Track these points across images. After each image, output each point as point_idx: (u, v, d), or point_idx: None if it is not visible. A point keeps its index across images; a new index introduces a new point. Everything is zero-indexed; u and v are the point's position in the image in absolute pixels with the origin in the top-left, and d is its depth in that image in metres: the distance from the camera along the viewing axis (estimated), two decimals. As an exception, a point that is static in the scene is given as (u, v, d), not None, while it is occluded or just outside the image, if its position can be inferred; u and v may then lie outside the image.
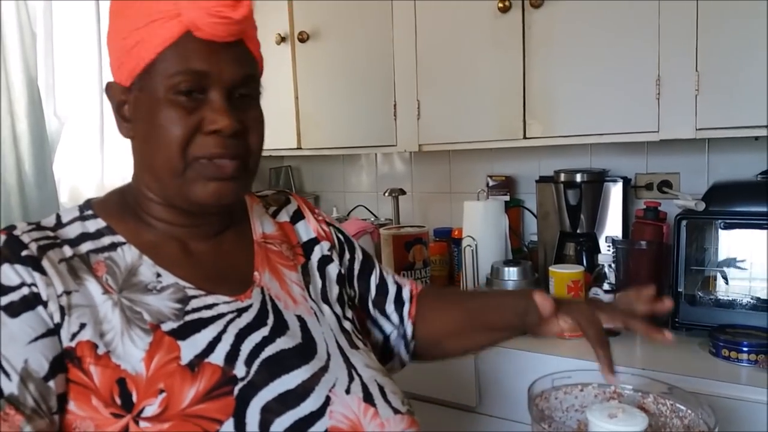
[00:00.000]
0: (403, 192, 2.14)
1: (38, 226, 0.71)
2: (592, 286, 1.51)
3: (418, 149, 1.88)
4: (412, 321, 0.95)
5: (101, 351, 0.65)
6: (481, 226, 1.73)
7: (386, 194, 2.14)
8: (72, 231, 0.72)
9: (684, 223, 1.46)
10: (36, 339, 0.63)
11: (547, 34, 1.61)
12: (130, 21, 0.70)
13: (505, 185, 1.99)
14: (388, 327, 0.94)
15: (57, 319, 0.65)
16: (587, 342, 0.75)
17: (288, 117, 2.12)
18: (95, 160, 1.93)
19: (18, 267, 0.65)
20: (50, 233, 0.70)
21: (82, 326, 0.66)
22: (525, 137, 1.67)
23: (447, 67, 1.80)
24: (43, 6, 1.79)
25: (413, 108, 1.86)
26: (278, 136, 2.13)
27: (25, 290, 0.64)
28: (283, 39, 2.07)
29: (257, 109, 0.75)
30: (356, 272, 0.93)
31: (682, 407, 0.75)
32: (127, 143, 0.77)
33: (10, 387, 0.61)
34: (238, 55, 0.71)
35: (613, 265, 1.51)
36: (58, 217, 0.74)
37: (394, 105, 1.91)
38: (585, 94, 1.58)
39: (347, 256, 0.93)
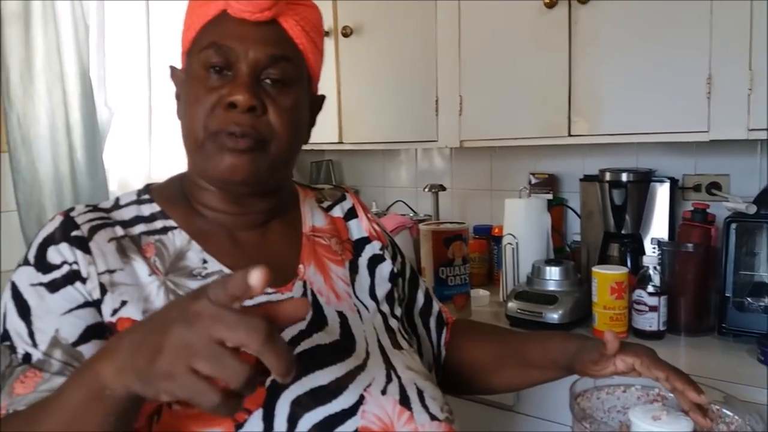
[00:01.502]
0: (443, 188, 2.13)
1: (95, 208, 0.75)
2: (636, 288, 1.48)
3: (460, 145, 1.87)
4: (445, 347, 0.95)
5: None
6: (523, 225, 1.71)
7: (426, 190, 2.14)
8: (127, 213, 0.75)
9: (734, 226, 1.42)
10: (70, 310, 0.67)
11: (593, 30, 1.58)
12: (188, 10, 0.76)
13: (548, 183, 1.97)
14: (426, 343, 0.94)
15: (96, 295, 0.68)
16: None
17: (330, 111, 2.14)
18: (143, 150, 1.98)
19: (63, 246, 0.69)
20: (104, 214, 0.74)
21: (123, 303, 0.68)
22: (570, 135, 1.64)
23: (490, 62, 1.78)
24: (97, 1, 1.84)
25: (455, 104, 1.85)
26: (320, 130, 2.08)
27: (65, 268, 0.68)
28: (326, 33, 2.08)
29: (288, 95, 0.74)
30: (407, 278, 0.93)
31: (728, 413, 0.73)
32: (175, 134, 0.79)
33: (36, 354, 0.65)
34: (268, 35, 0.72)
35: (658, 268, 1.48)
36: (117, 199, 0.78)
37: (436, 100, 1.90)
38: (632, 92, 1.55)
39: (399, 259, 0.93)
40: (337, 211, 0.90)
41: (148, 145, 1.98)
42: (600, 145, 1.78)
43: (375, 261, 0.87)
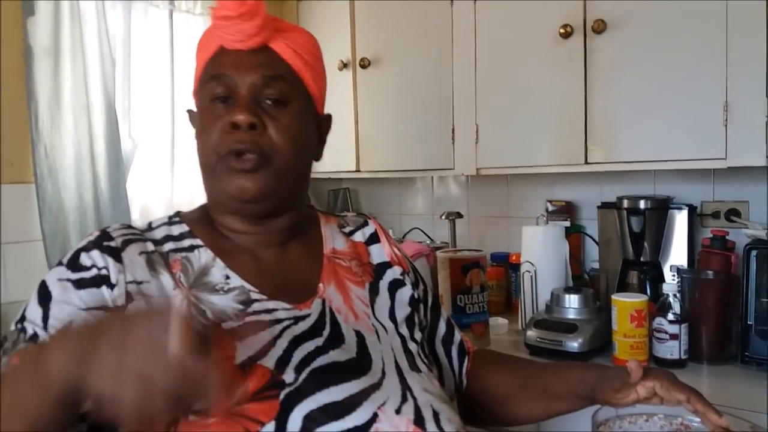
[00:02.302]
0: (460, 215, 2.14)
1: (129, 227, 0.79)
2: (656, 316, 1.47)
3: (476, 173, 1.89)
4: (467, 377, 0.95)
5: None
6: (541, 252, 1.71)
7: (443, 217, 2.15)
8: (158, 233, 0.80)
9: (754, 253, 1.41)
10: (90, 308, 0.70)
11: (609, 59, 1.60)
12: (196, 55, 0.84)
13: (566, 210, 1.97)
14: (447, 372, 0.94)
15: (121, 302, 0.71)
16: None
17: (348, 140, 2.17)
18: (165, 180, 2.02)
19: (94, 253, 0.72)
20: (138, 232, 0.78)
21: None
22: (586, 162, 1.65)
23: (506, 91, 1.80)
24: (123, 35, 1.90)
25: (472, 132, 1.87)
26: (338, 158, 2.18)
27: (94, 271, 0.71)
28: (345, 65, 2.13)
29: (287, 112, 0.79)
30: (429, 305, 0.94)
31: (754, 442, 0.72)
32: (196, 165, 0.84)
33: (43, 336, 0.68)
34: (261, 60, 0.78)
35: (678, 295, 1.47)
36: (150, 223, 0.83)
37: (453, 129, 1.92)
38: (649, 119, 1.56)
39: (421, 287, 0.94)
40: (359, 236, 0.92)
41: (170, 176, 2.02)
42: (617, 173, 1.78)
43: (396, 285, 0.89)
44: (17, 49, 1.70)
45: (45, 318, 0.69)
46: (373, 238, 0.93)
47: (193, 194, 2.11)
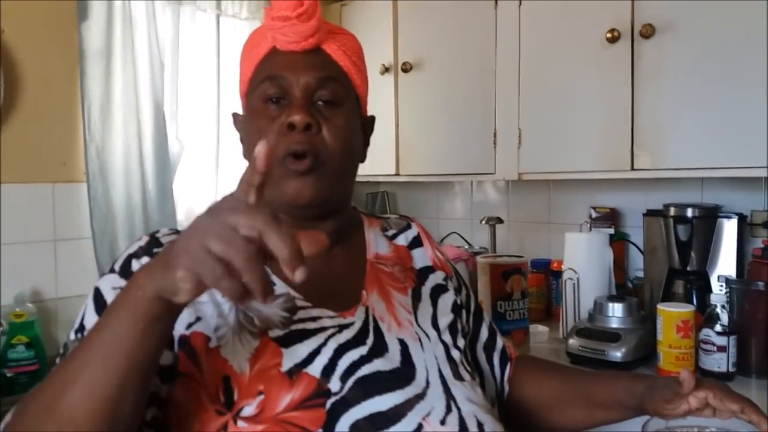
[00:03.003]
0: (500, 221, 2.13)
1: (178, 231, 0.79)
2: (704, 327, 1.43)
3: (518, 178, 1.87)
4: (508, 383, 0.94)
5: (212, 344, 0.70)
6: (584, 259, 1.69)
7: (483, 222, 2.14)
8: None
9: (808, 264, 1.36)
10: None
11: (657, 64, 1.57)
12: (242, 56, 0.84)
13: (610, 218, 1.94)
14: (489, 378, 0.94)
15: None
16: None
17: (388, 144, 2.18)
18: (210, 182, 2.06)
19: (145, 260, 0.74)
20: None
21: (198, 319, 0.71)
22: (633, 169, 1.62)
23: (551, 96, 1.79)
24: (171, 39, 1.95)
25: (514, 136, 1.86)
26: (377, 162, 2.18)
27: None
28: (387, 69, 2.14)
29: (340, 113, 0.80)
30: (472, 311, 0.94)
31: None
32: (240, 168, 0.84)
33: None
34: (315, 62, 0.79)
35: (726, 306, 1.43)
36: None
37: (494, 133, 1.91)
38: (698, 126, 1.52)
39: (464, 292, 0.94)
40: (402, 240, 0.92)
41: (214, 178, 2.06)
42: (662, 180, 1.75)
43: (438, 291, 0.88)
44: (72, 52, 1.76)
45: None
46: (416, 242, 0.92)
47: (235, 195, 2.14)
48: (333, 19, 2.31)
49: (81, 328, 0.72)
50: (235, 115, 0.88)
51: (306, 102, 0.77)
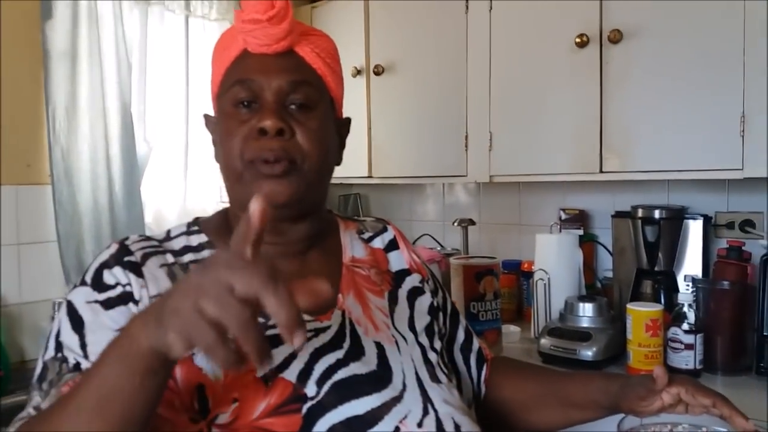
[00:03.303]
0: (472, 222, 2.14)
1: (147, 238, 0.78)
2: (671, 325, 1.46)
3: (489, 180, 1.89)
4: (485, 384, 0.95)
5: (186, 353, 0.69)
6: (555, 260, 1.71)
7: (455, 224, 2.15)
8: (177, 243, 0.79)
9: (771, 264, 1.41)
10: (121, 328, 0.68)
11: (625, 69, 1.60)
12: (212, 58, 0.82)
13: (579, 219, 1.97)
14: (466, 379, 0.94)
15: None
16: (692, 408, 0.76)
17: (360, 147, 2.18)
18: (179, 184, 2.03)
19: (117, 270, 0.72)
20: (156, 243, 0.78)
21: None
22: (601, 171, 1.65)
23: (521, 99, 1.81)
24: (139, 40, 1.92)
25: (485, 139, 1.88)
26: (350, 164, 2.14)
27: (119, 289, 0.71)
28: (359, 72, 2.14)
29: (313, 117, 0.79)
30: (449, 313, 0.94)
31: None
32: (209, 170, 0.84)
33: (85, 364, 0.68)
34: (287, 64, 0.77)
35: (693, 305, 1.46)
36: (168, 231, 0.82)
37: (466, 136, 1.93)
38: (665, 129, 1.56)
39: (440, 294, 0.93)
40: (378, 243, 0.91)
41: (183, 179, 2.03)
42: (630, 182, 1.78)
43: (415, 293, 0.88)
44: (35, 52, 1.72)
45: (83, 345, 0.69)
46: (392, 245, 0.92)
47: (205, 198, 2.12)
48: (304, 21, 2.29)
49: (59, 345, 0.70)
50: (206, 117, 0.87)
51: (278, 106, 0.76)
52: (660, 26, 1.54)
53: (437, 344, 0.85)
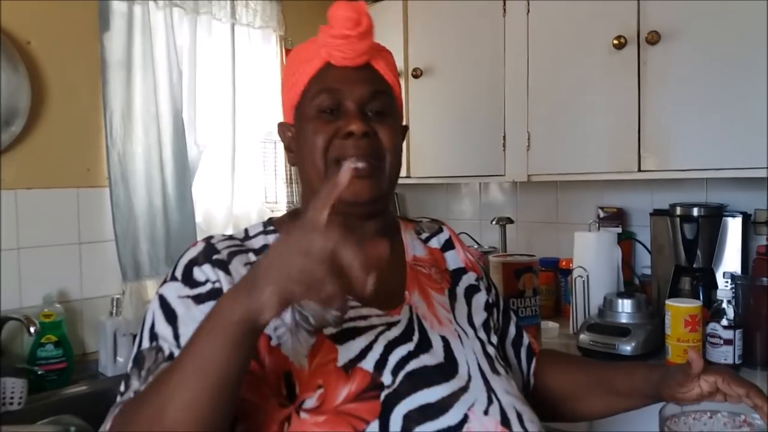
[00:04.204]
0: (510, 221, 2.18)
1: (230, 237, 0.85)
2: (710, 321, 1.48)
3: (527, 179, 1.93)
4: (534, 376, 1.00)
5: (273, 343, 0.76)
6: (593, 258, 1.75)
7: (493, 222, 2.19)
8: (257, 242, 0.85)
9: (811, 260, 1.42)
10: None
11: (663, 69, 1.63)
12: (290, 70, 0.88)
13: (617, 217, 1.99)
14: (516, 372, 0.99)
15: None
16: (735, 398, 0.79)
17: (399, 147, 2.23)
18: (226, 186, 2.11)
19: (206, 267, 0.79)
20: (239, 242, 0.84)
21: None
22: (640, 170, 1.68)
23: (559, 100, 1.84)
24: (189, 48, 2.01)
25: (523, 139, 1.92)
26: None
27: (209, 285, 0.78)
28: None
29: (389, 121, 0.86)
30: (501, 309, 1.00)
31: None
32: (254, 173, 0.89)
33: (178, 353, 0.74)
34: (366, 76, 0.85)
35: (732, 301, 1.48)
36: (246, 231, 0.88)
37: (504, 136, 1.97)
38: (702, 128, 1.58)
39: (493, 292, 0.99)
40: (435, 243, 0.97)
41: (230, 181, 2.12)
42: (668, 180, 1.80)
43: (471, 291, 0.93)
44: (94, 62, 1.82)
45: (176, 336, 0.75)
46: (448, 245, 0.98)
47: (250, 199, 2.20)
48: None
49: (154, 336, 0.76)
50: (281, 125, 0.92)
51: (360, 112, 0.83)
52: (697, 28, 1.57)
53: (494, 339, 0.91)
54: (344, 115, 0.83)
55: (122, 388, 0.75)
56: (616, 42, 1.66)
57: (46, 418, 1.43)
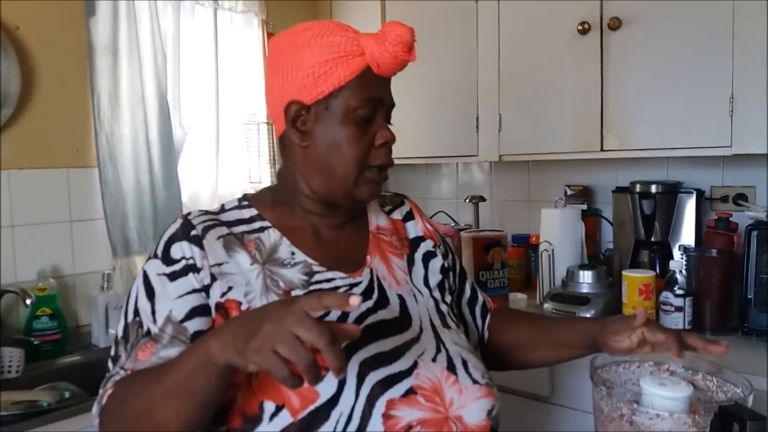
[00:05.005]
0: (483, 199, 2.28)
1: (206, 212, 0.92)
2: (664, 290, 1.60)
3: (499, 159, 2.03)
4: (488, 330, 1.11)
5: (244, 306, 0.84)
6: (558, 233, 1.86)
7: (467, 201, 2.29)
8: (231, 216, 0.94)
9: (755, 233, 1.53)
10: (182, 295, 0.84)
11: (624, 54, 1.72)
12: (318, 54, 0.87)
13: (583, 195, 2.10)
14: (472, 327, 1.10)
15: (207, 282, 0.85)
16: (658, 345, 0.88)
17: (378, 129, 2.32)
18: (211, 166, 2.19)
19: (183, 244, 0.86)
20: (214, 216, 0.92)
21: (230, 288, 0.85)
22: (602, 149, 1.78)
23: (528, 83, 1.94)
24: (173, 33, 2.07)
25: (495, 121, 2.01)
26: None
27: (183, 262, 0.86)
28: (376, 58, 2.27)
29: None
30: (457, 272, 1.10)
31: (727, 383, 0.86)
32: (238, 154, 0.95)
33: (154, 329, 0.83)
34: (389, 86, 0.93)
35: (684, 272, 1.60)
36: (222, 205, 0.96)
37: (477, 118, 2.07)
38: (660, 110, 1.68)
39: (450, 257, 1.09)
40: (397, 214, 1.07)
41: (215, 162, 2.20)
42: (632, 159, 1.91)
43: (428, 256, 1.03)
44: (81, 46, 1.88)
45: (153, 312, 0.83)
46: (409, 216, 1.08)
47: (234, 178, 2.29)
48: (324, 15, 2.45)
49: (136, 311, 0.85)
50: (294, 103, 0.89)
51: (388, 121, 0.92)
52: (656, 14, 1.67)
53: (447, 298, 1.01)
54: (376, 123, 0.90)
55: (112, 352, 0.85)
56: (580, 28, 1.76)
57: (43, 384, 1.53)
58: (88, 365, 1.71)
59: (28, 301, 1.60)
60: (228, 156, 2.25)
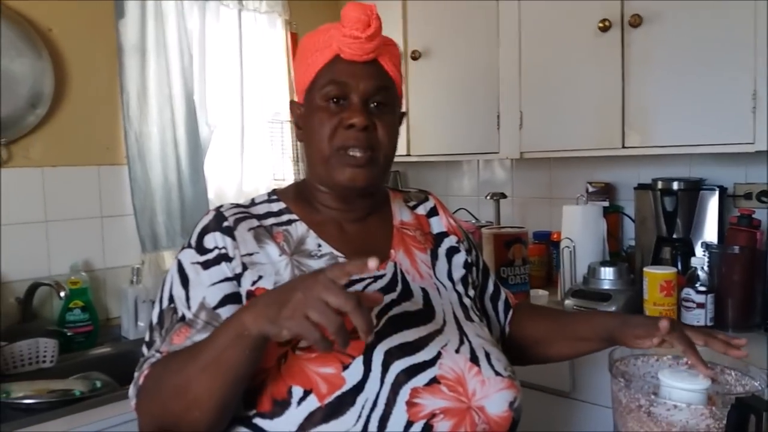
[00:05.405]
0: (504, 196, 2.29)
1: (237, 205, 0.97)
2: (685, 287, 1.60)
3: (520, 156, 2.04)
4: (509, 325, 1.13)
5: None
6: (580, 229, 1.86)
7: (488, 197, 2.31)
8: (261, 209, 0.97)
9: (778, 229, 1.53)
10: (215, 283, 0.88)
11: (645, 50, 1.73)
12: (304, 55, 0.97)
13: (605, 192, 2.10)
14: (494, 322, 1.12)
15: (238, 270, 0.89)
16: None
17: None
18: (236, 164, 2.24)
19: (216, 234, 0.90)
20: (244, 209, 0.96)
21: (260, 277, 0.89)
22: (624, 146, 1.79)
23: (549, 81, 1.95)
24: (199, 33, 2.12)
25: (516, 118, 2.03)
26: None
27: (216, 252, 0.90)
28: (398, 56, 2.30)
29: (389, 115, 0.95)
30: (480, 268, 1.12)
31: (746, 377, 0.87)
32: (263, 151, 0.98)
33: (188, 315, 0.87)
34: (372, 72, 0.93)
35: (706, 269, 1.60)
36: (253, 200, 1.00)
37: (498, 116, 2.08)
38: (682, 106, 1.68)
39: (474, 253, 1.11)
40: (421, 210, 1.09)
41: (240, 159, 2.24)
42: (654, 156, 1.91)
43: (452, 251, 1.06)
44: (111, 47, 1.93)
45: (187, 299, 0.87)
46: (433, 212, 1.10)
47: (259, 175, 2.33)
48: (347, 10, 2.47)
49: (171, 298, 0.89)
50: (293, 103, 1.01)
51: (363, 106, 0.92)
52: (677, 11, 1.67)
53: (471, 293, 1.03)
54: (349, 107, 0.92)
55: (146, 338, 0.89)
56: (601, 25, 1.76)
57: (76, 374, 1.58)
58: (118, 356, 1.76)
59: (62, 294, 1.66)
60: (252, 154, 2.29)
